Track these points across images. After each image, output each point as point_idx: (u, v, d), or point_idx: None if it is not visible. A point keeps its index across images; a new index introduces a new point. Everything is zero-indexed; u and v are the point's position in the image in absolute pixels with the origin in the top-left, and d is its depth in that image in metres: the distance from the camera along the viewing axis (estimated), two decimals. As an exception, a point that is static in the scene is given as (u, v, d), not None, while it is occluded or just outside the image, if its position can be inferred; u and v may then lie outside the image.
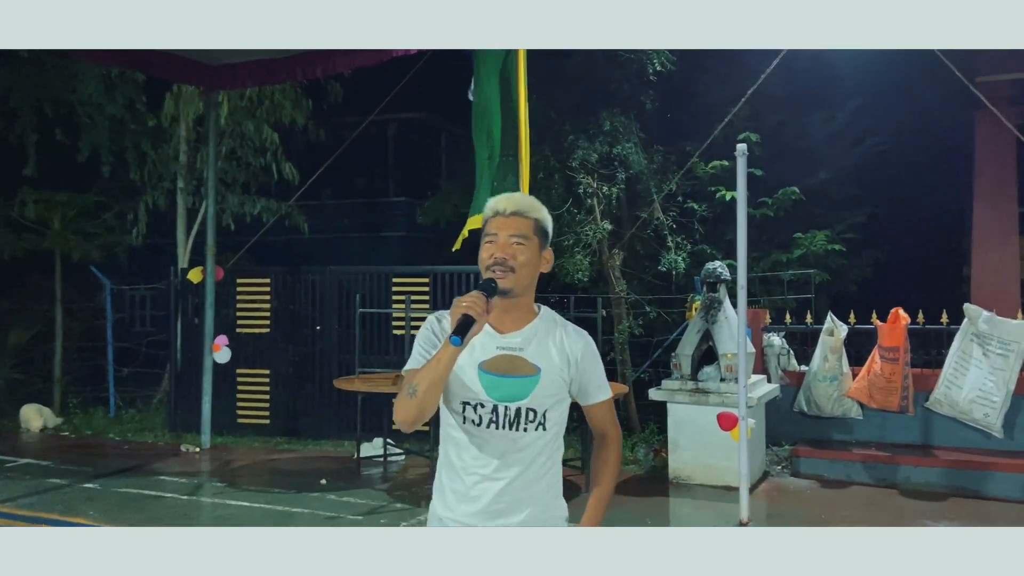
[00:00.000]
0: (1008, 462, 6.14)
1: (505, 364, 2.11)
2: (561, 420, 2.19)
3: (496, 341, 2.13)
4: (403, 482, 6.87)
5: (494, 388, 2.10)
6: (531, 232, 2.12)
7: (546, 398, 2.12)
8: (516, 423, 2.11)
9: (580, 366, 2.17)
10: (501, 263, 2.08)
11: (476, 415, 2.12)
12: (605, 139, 8.20)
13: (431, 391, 2.03)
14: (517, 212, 2.13)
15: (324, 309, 8.71)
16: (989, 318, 6.38)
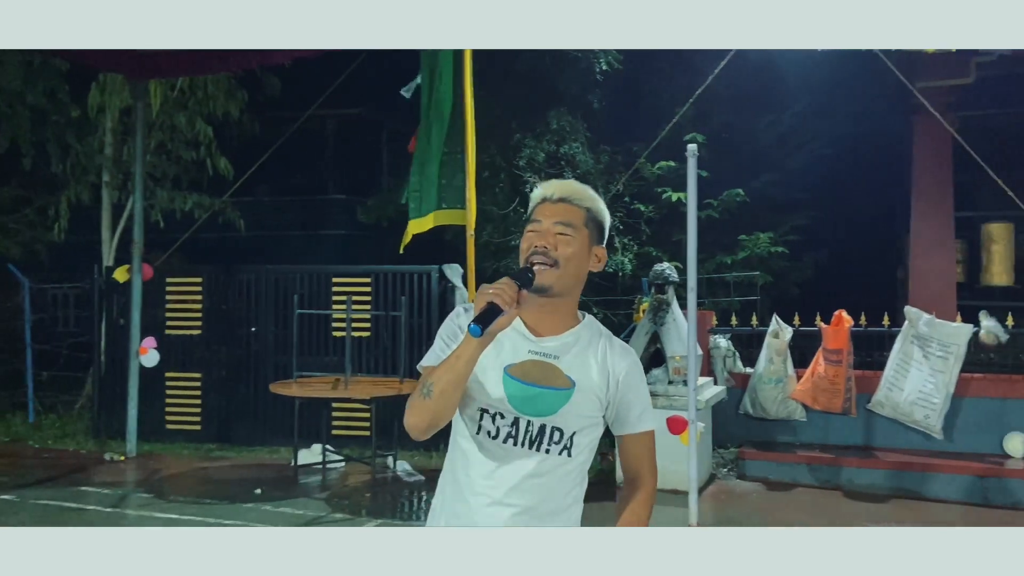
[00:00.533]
0: (948, 463, 6.22)
1: (536, 371, 1.82)
2: (590, 448, 1.89)
3: (529, 344, 1.85)
4: (343, 491, 6.62)
5: (519, 397, 1.81)
6: (581, 222, 1.84)
7: (576, 418, 1.83)
8: (538, 442, 1.82)
9: (622, 387, 1.87)
10: (542, 253, 1.80)
11: (493, 426, 1.83)
12: (552, 138, 8.09)
13: (448, 392, 1.75)
14: (566, 198, 1.86)
15: (260, 310, 8.37)
16: (929, 321, 6.46)
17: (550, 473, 1.82)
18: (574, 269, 1.83)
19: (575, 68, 8.22)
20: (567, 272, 1.81)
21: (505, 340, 1.82)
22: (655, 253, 8.09)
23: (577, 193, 1.87)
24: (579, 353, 1.86)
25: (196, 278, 8.45)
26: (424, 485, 6.72)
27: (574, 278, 1.85)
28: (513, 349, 1.84)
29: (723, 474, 6.80)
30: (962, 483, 6.09)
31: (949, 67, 7.65)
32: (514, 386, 1.82)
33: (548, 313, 1.86)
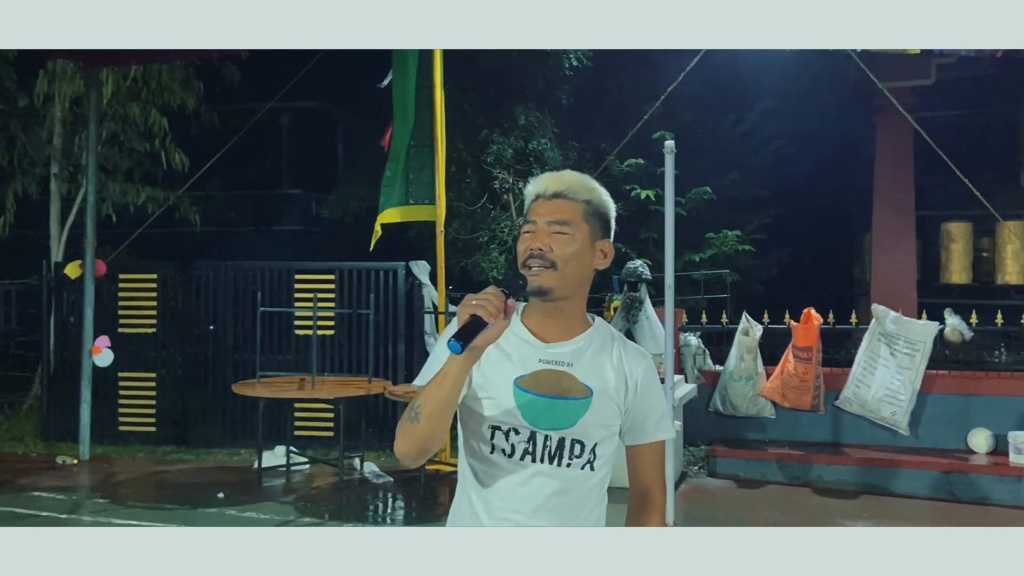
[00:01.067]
0: (914, 459, 6.30)
1: (549, 381, 1.70)
2: (610, 458, 1.77)
3: (539, 352, 1.72)
4: (309, 494, 6.44)
5: (533, 411, 1.69)
6: (579, 218, 1.71)
7: (597, 428, 1.71)
8: (559, 457, 1.70)
9: (639, 393, 1.75)
10: (538, 256, 1.67)
11: (508, 444, 1.70)
12: (520, 134, 8.00)
13: (437, 415, 1.62)
14: (561, 193, 1.72)
15: (218, 308, 8.12)
16: (896, 318, 6.54)
17: (574, 490, 1.72)
18: (575, 269, 1.70)
19: (543, 63, 8.14)
20: (567, 273, 1.68)
21: (512, 350, 1.71)
22: (624, 250, 8.06)
23: (573, 186, 1.74)
24: (593, 358, 1.74)
25: (151, 275, 8.15)
26: (393, 487, 6.58)
27: (576, 279, 1.72)
28: (522, 359, 1.72)
29: (694, 472, 6.80)
30: (928, 479, 6.18)
31: (910, 68, 7.78)
32: (527, 398, 1.69)
33: (555, 318, 1.74)
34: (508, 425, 1.70)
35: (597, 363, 1.74)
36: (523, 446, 1.70)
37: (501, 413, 1.70)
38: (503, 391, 1.70)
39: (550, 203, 1.72)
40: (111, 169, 9.41)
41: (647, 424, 1.78)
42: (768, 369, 6.92)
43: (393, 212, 6.87)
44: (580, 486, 1.72)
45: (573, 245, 1.69)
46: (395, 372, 7.77)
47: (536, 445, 1.69)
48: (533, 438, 1.69)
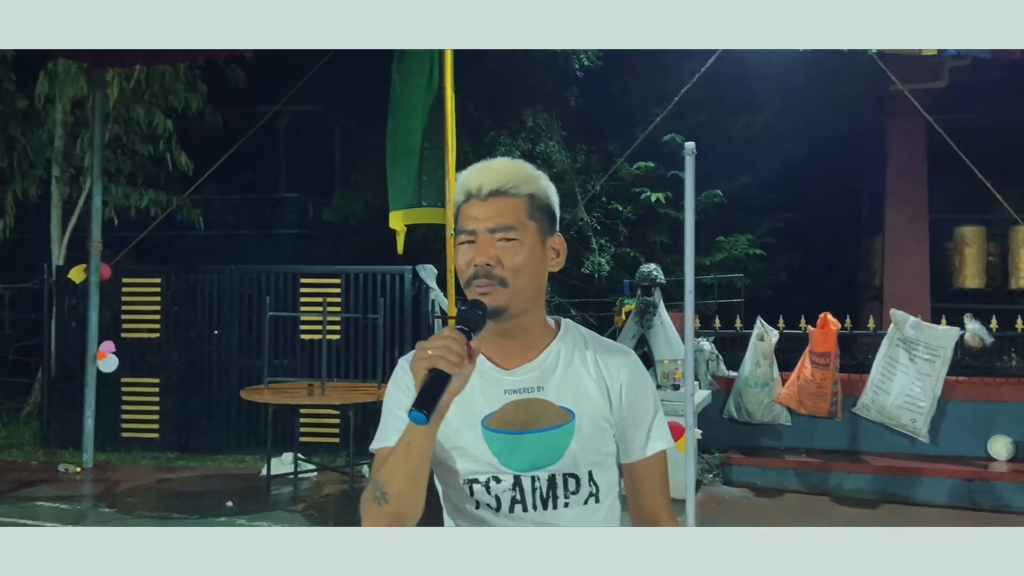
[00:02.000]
0: (935, 467, 6.21)
1: (520, 415, 1.44)
2: (614, 484, 1.52)
3: (502, 384, 1.45)
4: (318, 502, 6.32)
5: (511, 453, 1.43)
6: (524, 217, 1.42)
7: (589, 454, 1.45)
8: (552, 498, 1.44)
9: (626, 400, 1.48)
10: (485, 274, 1.39)
11: (491, 496, 1.44)
12: (527, 136, 7.90)
13: (407, 491, 1.35)
14: (498, 190, 1.41)
15: (223, 312, 8.01)
16: (916, 324, 6.46)
17: None
18: (528, 279, 1.41)
19: (551, 65, 8.05)
20: (520, 287, 1.40)
21: (473, 387, 1.39)
22: (633, 254, 7.98)
23: (511, 178, 1.42)
24: (565, 373, 1.46)
25: (154, 279, 8.03)
26: (403, 495, 6.46)
27: (532, 290, 1.43)
28: (485, 395, 1.45)
29: (709, 480, 6.69)
30: (949, 487, 6.08)
31: (924, 70, 7.71)
32: (500, 440, 1.42)
33: (513, 337, 1.46)
34: (486, 475, 1.44)
35: (572, 377, 1.47)
36: (509, 495, 1.44)
37: (474, 463, 1.44)
38: (471, 437, 1.44)
39: (487, 204, 1.41)
40: (114, 172, 9.28)
41: (638, 436, 1.50)
42: (783, 375, 6.83)
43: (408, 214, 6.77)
44: (586, 524, 1.46)
45: (523, 252, 1.40)
46: (403, 377, 7.65)
47: (523, 491, 1.43)
48: (518, 483, 1.43)
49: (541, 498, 1.44)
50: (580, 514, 1.46)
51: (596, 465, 1.47)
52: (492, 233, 1.40)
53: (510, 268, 1.39)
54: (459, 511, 1.48)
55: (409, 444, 1.34)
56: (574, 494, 1.45)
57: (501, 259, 1.39)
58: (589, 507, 1.46)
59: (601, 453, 1.47)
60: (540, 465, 1.43)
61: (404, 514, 1.37)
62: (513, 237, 1.40)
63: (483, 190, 1.42)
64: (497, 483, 1.44)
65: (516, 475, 1.43)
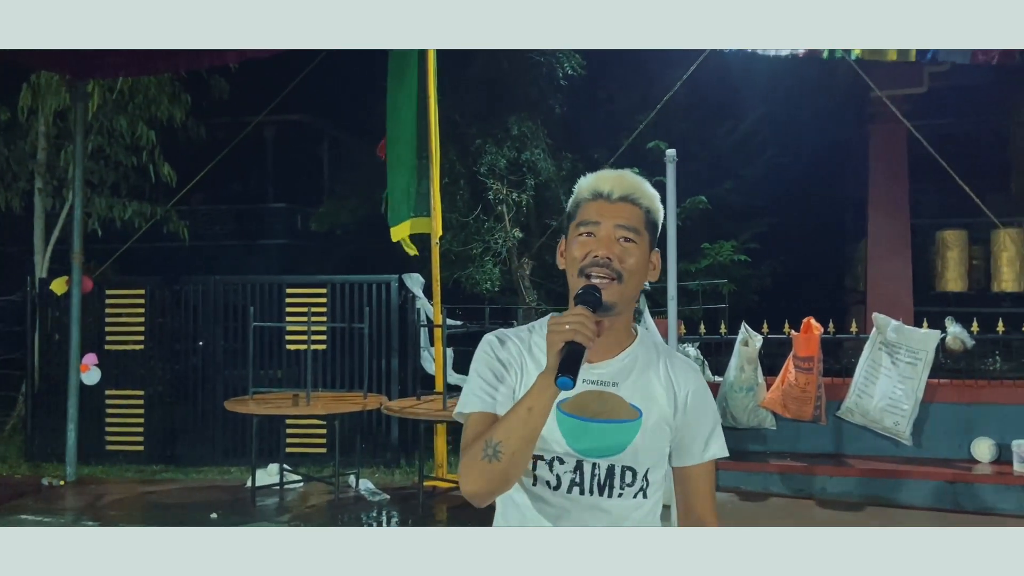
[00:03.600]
0: (918, 470, 6.23)
1: (594, 404, 1.57)
2: (661, 484, 1.64)
3: (582, 373, 1.52)
4: (305, 513, 6.30)
5: (579, 437, 1.56)
6: (642, 226, 1.57)
7: (648, 452, 1.59)
8: (608, 487, 1.57)
9: (689, 409, 1.62)
10: (604, 265, 1.52)
11: (552, 474, 1.57)
12: (513, 144, 7.93)
13: (521, 452, 1.47)
14: (627, 197, 1.57)
15: (207, 323, 7.99)
16: (897, 327, 6.49)
17: (625, 521, 1.60)
18: (638, 283, 1.58)
19: (535, 73, 8.09)
20: (630, 286, 1.55)
21: None
22: (619, 261, 7.99)
23: (638, 190, 1.59)
24: (640, 375, 1.61)
25: (138, 290, 8.00)
26: (389, 504, 6.45)
27: (636, 292, 1.60)
28: None
29: (695, 485, 6.70)
30: (933, 489, 6.11)
31: (903, 76, 7.78)
32: (571, 424, 1.56)
33: (601, 334, 1.55)
34: (552, 454, 1.57)
35: (644, 380, 1.61)
36: (570, 476, 1.57)
37: (544, 442, 1.55)
38: None
39: (617, 207, 1.56)
40: (97, 183, 9.26)
41: (696, 442, 1.64)
42: (768, 379, 6.85)
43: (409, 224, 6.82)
44: (631, 516, 1.60)
45: (637, 256, 1.56)
46: (389, 387, 7.66)
47: (583, 475, 1.57)
48: (580, 467, 1.57)
49: (599, 484, 1.57)
50: (629, 506, 1.59)
51: (653, 464, 1.60)
52: (617, 230, 1.55)
53: (627, 267, 1.54)
54: (517, 487, 1.59)
55: (531, 409, 1.46)
56: (629, 486, 1.58)
57: (622, 257, 1.54)
58: (637, 501, 1.60)
59: (659, 452, 1.62)
60: (604, 454, 1.57)
61: (510, 475, 1.50)
62: (634, 239, 1.56)
63: (614, 194, 1.57)
64: (560, 464, 1.57)
65: (579, 459, 1.57)
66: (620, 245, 1.54)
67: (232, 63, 7.32)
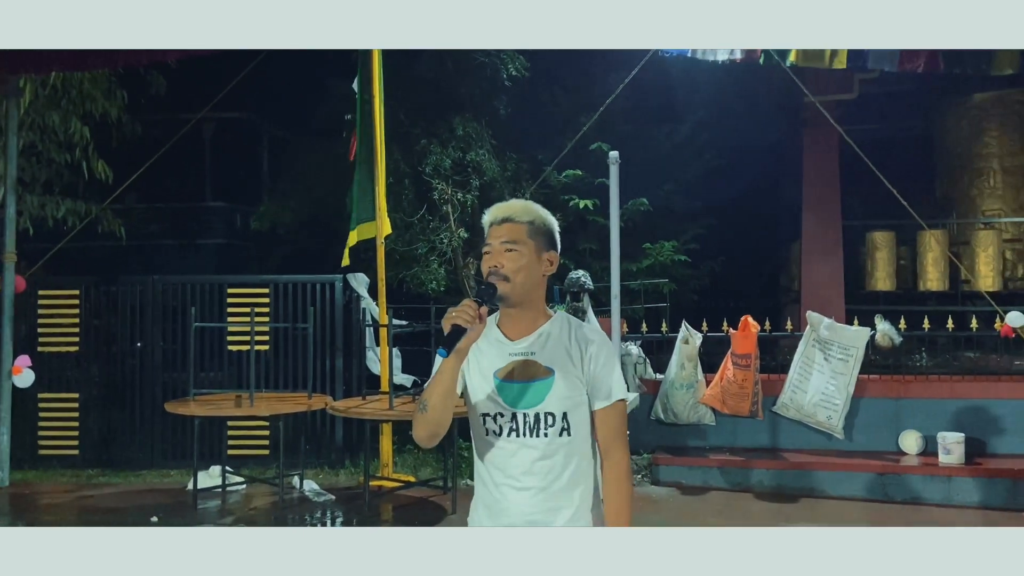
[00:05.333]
0: (850, 462, 6.48)
1: (519, 370, 2.11)
2: (584, 423, 2.14)
3: (508, 348, 2.14)
4: (249, 515, 6.23)
5: (511, 395, 2.11)
6: (524, 236, 2.11)
7: (563, 400, 2.10)
8: (536, 429, 2.10)
9: (591, 363, 2.12)
10: (495, 272, 2.09)
11: (496, 425, 2.12)
12: (458, 145, 7.96)
13: (439, 405, 2.07)
14: (508, 218, 2.13)
15: (145, 324, 7.82)
16: (830, 325, 6.74)
17: (556, 453, 2.09)
18: (524, 278, 2.09)
19: (479, 74, 8.13)
20: (517, 282, 2.08)
21: (490, 350, 2.13)
22: (563, 261, 8.08)
23: (517, 211, 2.14)
24: (553, 345, 2.13)
25: (72, 290, 7.79)
26: (334, 504, 6.42)
27: (526, 286, 2.10)
28: (498, 356, 2.14)
29: (637, 480, 6.84)
30: (864, 480, 6.36)
31: (835, 82, 8.05)
32: (504, 387, 2.12)
33: (518, 318, 2.15)
34: (495, 411, 2.12)
35: (556, 347, 2.12)
36: (508, 425, 2.10)
37: (487, 401, 2.12)
38: (486, 383, 2.13)
39: (501, 227, 2.12)
40: (29, 180, 8.96)
41: (600, 389, 2.13)
42: (707, 376, 7.03)
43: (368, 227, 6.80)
44: (560, 450, 2.09)
45: (521, 260, 2.09)
46: (333, 387, 7.62)
47: (518, 423, 2.10)
48: (515, 417, 2.10)
49: (529, 428, 2.09)
50: (556, 443, 2.09)
51: (568, 408, 2.10)
52: (502, 245, 2.10)
53: (511, 269, 2.08)
54: (478, 437, 2.17)
55: (441, 372, 2.06)
56: (551, 427, 2.09)
57: (505, 263, 2.08)
58: (563, 439, 2.10)
59: (572, 400, 2.10)
60: (530, 405, 2.09)
61: (438, 422, 2.09)
62: (515, 247, 2.09)
63: (499, 218, 2.13)
64: (501, 417, 2.11)
65: (513, 412, 2.10)
66: (505, 255, 2.08)
67: (172, 59, 7.19)
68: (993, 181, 9.02)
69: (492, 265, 2.09)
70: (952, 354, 7.78)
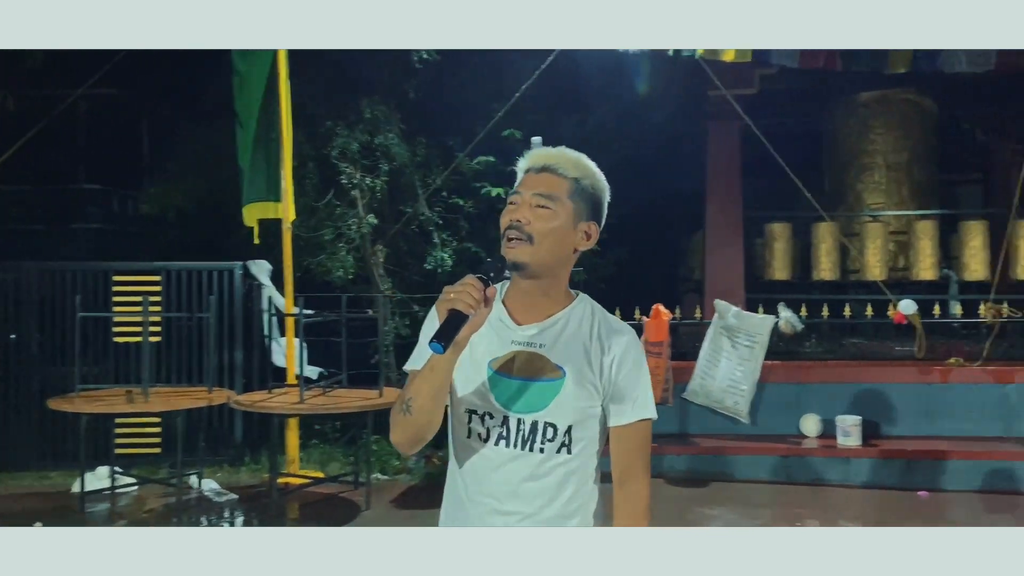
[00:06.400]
0: (756, 446, 6.68)
1: (522, 363, 1.66)
2: (592, 441, 1.71)
3: (512, 334, 1.68)
4: (141, 518, 5.83)
5: (506, 393, 1.66)
6: (564, 194, 1.67)
7: (570, 410, 1.66)
8: (531, 441, 1.65)
9: (617, 370, 1.68)
10: (516, 227, 1.64)
11: (483, 427, 1.67)
12: (365, 128, 7.69)
13: (428, 407, 1.61)
14: (549, 167, 1.69)
15: (20, 314, 7.21)
16: (737, 313, 6.90)
17: (549, 475, 1.66)
18: (551, 246, 1.65)
19: (388, 55, 7.87)
20: (543, 248, 1.64)
21: (487, 332, 1.66)
22: (474, 250, 7.98)
23: (563, 162, 1.71)
24: (568, 338, 1.69)
25: (-65, 278, 7.09)
26: (238, 504, 6.09)
27: (552, 256, 1.67)
28: (497, 341, 1.69)
29: (551, 469, 6.82)
30: (769, 463, 6.56)
31: (736, 77, 8.23)
32: (500, 382, 1.67)
33: (532, 297, 1.70)
34: (483, 409, 1.67)
35: (572, 343, 1.69)
36: (497, 431, 1.66)
37: (475, 396, 1.68)
38: (477, 373, 1.68)
39: (537, 177, 1.69)
40: None
41: (625, 403, 1.71)
42: (619, 365, 7.07)
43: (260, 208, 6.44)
44: (556, 471, 1.66)
45: (554, 221, 1.65)
46: (232, 380, 7.25)
47: (509, 430, 1.66)
48: (507, 422, 1.66)
49: (522, 439, 1.65)
50: (554, 462, 1.66)
51: (576, 421, 1.66)
52: (533, 198, 1.65)
53: (538, 230, 1.63)
54: (456, 436, 1.72)
55: (432, 368, 1.59)
56: (550, 441, 1.65)
57: (533, 220, 1.63)
58: (561, 457, 1.66)
59: (583, 411, 1.67)
60: (528, 410, 1.65)
61: (425, 425, 1.63)
62: (549, 206, 1.65)
63: (538, 165, 1.70)
64: (490, 418, 1.66)
65: (506, 415, 1.66)
66: (534, 211, 1.64)
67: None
68: (878, 176, 9.45)
69: (515, 219, 1.64)
70: (838, 341, 8.11)
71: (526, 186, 1.68)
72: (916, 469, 6.33)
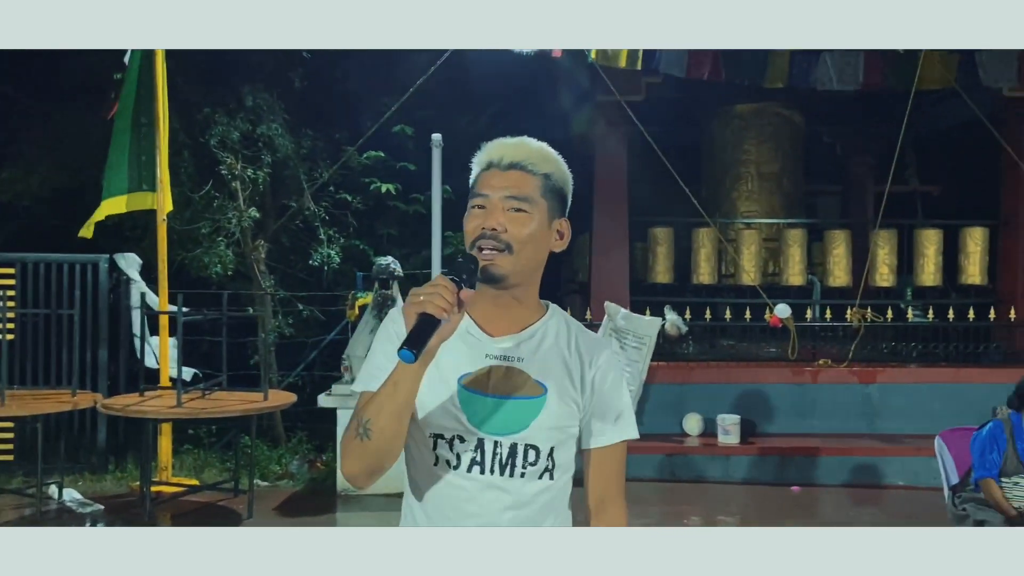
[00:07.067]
0: (642, 445, 6.70)
1: (498, 380, 1.49)
2: (569, 465, 1.57)
3: (484, 347, 1.51)
4: (-5, 533, 5.29)
5: (480, 413, 1.47)
6: (537, 193, 1.50)
7: (552, 431, 1.50)
8: (510, 466, 1.48)
9: (598, 387, 1.55)
10: (492, 237, 1.45)
11: (452, 453, 1.48)
12: (246, 116, 7.34)
13: (390, 430, 1.40)
14: (519, 164, 1.50)
15: None
16: (626, 315, 7.03)
17: (531, 503, 1.50)
18: (532, 252, 1.50)
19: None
20: (523, 257, 1.48)
21: (457, 345, 1.47)
22: (362, 246, 7.77)
23: (533, 156, 1.52)
24: (547, 352, 1.54)
25: None
26: (105, 515, 5.65)
27: (533, 263, 1.52)
28: (468, 355, 1.51)
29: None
30: (654, 462, 6.73)
31: (623, 83, 8.40)
32: (472, 400, 1.48)
33: (505, 307, 1.53)
34: (452, 432, 1.48)
35: (550, 355, 1.54)
36: (470, 455, 1.48)
37: (443, 416, 1.48)
38: (445, 393, 1.49)
39: (506, 175, 1.50)
40: None
41: (606, 423, 1.58)
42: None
43: (119, 201, 5.97)
44: (538, 499, 1.51)
45: (531, 225, 1.49)
46: (96, 382, 6.73)
47: (484, 454, 1.48)
48: (481, 446, 1.48)
49: (500, 464, 1.48)
50: (533, 488, 1.50)
51: (557, 443, 1.52)
52: (505, 201, 1.47)
53: (516, 237, 1.46)
54: (417, 464, 1.51)
55: (396, 383, 1.38)
56: (532, 465, 1.49)
57: (509, 227, 1.46)
58: (543, 483, 1.51)
59: (564, 432, 1.53)
60: (505, 431, 1.48)
61: (385, 452, 1.41)
62: (525, 209, 1.48)
63: (504, 161, 1.50)
64: (461, 442, 1.48)
65: (481, 437, 1.48)
66: (508, 215, 1.47)
67: None
68: (751, 185, 9.90)
69: (488, 227, 1.46)
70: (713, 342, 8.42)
71: (493, 187, 1.49)
72: (790, 465, 6.65)
